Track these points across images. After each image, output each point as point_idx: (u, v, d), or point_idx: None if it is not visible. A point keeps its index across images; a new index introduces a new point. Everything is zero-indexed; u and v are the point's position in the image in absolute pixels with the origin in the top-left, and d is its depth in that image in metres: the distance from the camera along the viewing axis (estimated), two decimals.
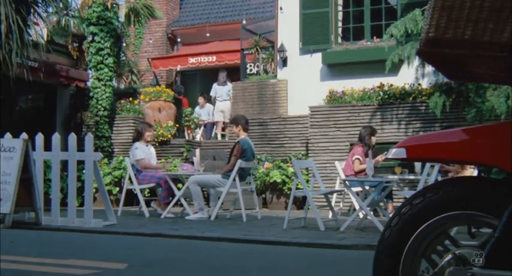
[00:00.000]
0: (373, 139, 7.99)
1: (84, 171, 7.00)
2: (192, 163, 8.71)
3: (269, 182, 9.63)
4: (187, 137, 12.56)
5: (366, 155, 7.70)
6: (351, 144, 8.94)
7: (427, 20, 1.66)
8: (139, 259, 4.33)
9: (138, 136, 8.54)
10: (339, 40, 11.14)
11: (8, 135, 6.78)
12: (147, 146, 8.52)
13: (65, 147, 6.98)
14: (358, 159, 7.70)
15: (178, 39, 17.24)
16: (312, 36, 11.02)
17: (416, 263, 1.74)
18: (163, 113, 11.35)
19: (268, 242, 5.47)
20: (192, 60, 15.66)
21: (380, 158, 7.99)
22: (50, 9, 10.93)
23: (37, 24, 9.66)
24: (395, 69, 9.25)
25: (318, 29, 11.01)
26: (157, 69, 16.27)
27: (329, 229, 6.43)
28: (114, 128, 11.51)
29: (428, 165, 6.72)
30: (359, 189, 7.23)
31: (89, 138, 6.73)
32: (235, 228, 6.46)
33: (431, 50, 1.67)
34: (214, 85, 13.96)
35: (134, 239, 5.85)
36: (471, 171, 6.97)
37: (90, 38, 11.38)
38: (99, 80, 11.31)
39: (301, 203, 9.33)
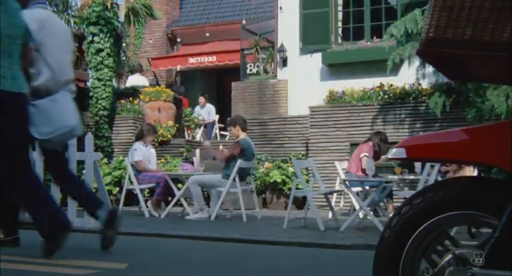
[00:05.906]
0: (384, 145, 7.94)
1: (84, 171, 6.99)
2: (192, 163, 8.71)
3: (269, 182, 9.62)
4: (187, 137, 12.56)
5: (374, 155, 7.69)
6: (351, 144, 8.95)
7: (427, 20, 1.66)
8: (139, 259, 4.33)
9: (140, 136, 8.54)
10: (339, 40, 11.15)
11: None
12: (146, 146, 8.52)
13: None
14: (366, 156, 7.66)
15: (178, 39, 17.23)
16: (312, 36, 11.03)
17: (416, 263, 1.74)
18: (163, 113, 11.34)
19: (268, 242, 5.46)
20: (192, 60, 15.66)
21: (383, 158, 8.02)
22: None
23: None
24: (395, 69, 9.25)
25: (318, 29, 11.01)
26: (157, 69, 16.27)
27: (329, 229, 6.42)
28: (114, 128, 11.50)
29: (428, 165, 6.72)
30: (359, 189, 7.22)
31: (89, 138, 6.72)
32: (235, 228, 6.45)
33: (431, 50, 1.67)
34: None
35: (134, 239, 5.85)
36: (470, 171, 6.96)
37: (90, 38, 11.37)
38: (99, 80, 11.30)
39: (301, 203, 9.32)
